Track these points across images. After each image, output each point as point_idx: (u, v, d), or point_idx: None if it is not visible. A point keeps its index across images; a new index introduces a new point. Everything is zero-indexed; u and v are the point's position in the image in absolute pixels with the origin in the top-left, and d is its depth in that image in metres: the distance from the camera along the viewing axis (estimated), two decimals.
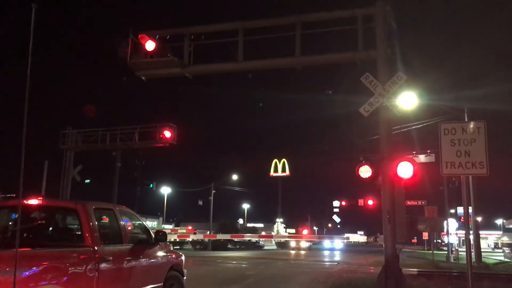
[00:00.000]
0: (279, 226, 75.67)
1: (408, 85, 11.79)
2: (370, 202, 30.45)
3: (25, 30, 4.12)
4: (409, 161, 11.01)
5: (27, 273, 4.81)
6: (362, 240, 72.11)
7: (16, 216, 6.57)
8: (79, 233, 6.29)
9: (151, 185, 42.82)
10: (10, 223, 6.69)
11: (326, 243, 64.98)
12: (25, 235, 6.37)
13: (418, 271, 18.49)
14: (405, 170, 10.79)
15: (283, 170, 43.24)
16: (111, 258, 6.24)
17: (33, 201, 6.55)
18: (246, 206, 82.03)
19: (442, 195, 35.34)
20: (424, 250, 58.11)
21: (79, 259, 5.74)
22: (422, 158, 22.74)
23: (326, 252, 51.52)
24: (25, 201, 6.43)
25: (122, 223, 7.01)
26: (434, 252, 34.50)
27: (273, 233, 67.55)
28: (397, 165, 10.84)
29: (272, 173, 43.86)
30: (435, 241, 47.13)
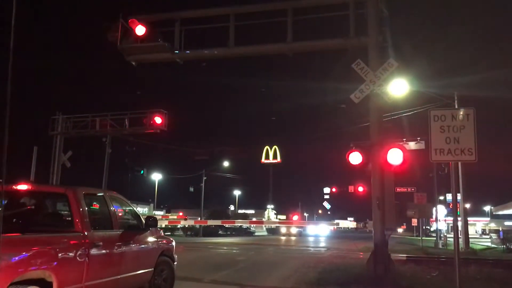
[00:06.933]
0: (270, 213, 76.03)
1: (399, 72, 11.81)
2: (360, 188, 30.71)
3: (9, 12, 4.04)
4: (399, 148, 11.08)
5: (16, 258, 4.79)
6: (352, 226, 72.58)
7: (5, 202, 6.53)
8: (69, 218, 6.27)
9: (141, 172, 42.68)
10: None
11: (311, 229, 63.14)
12: (14, 220, 6.35)
13: (406, 256, 18.71)
14: (395, 156, 10.86)
15: (274, 157, 43.32)
16: (101, 243, 6.24)
17: (23, 187, 6.51)
18: (237, 192, 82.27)
19: (432, 182, 35.63)
20: (413, 236, 58.80)
21: (69, 244, 5.73)
22: (412, 145, 22.87)
23: (315, 239, 51.90)
24: (14, 187, 6.39)
25: (112, 208, 7.00)
26: (423, 238, 34.90)
27: (263, 219, 67.83)
28: (387, 152, 10.91)
29: (263, 159, 43.91)
30: (424, 227, 47.65)
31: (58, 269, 5.34)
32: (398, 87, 11.86)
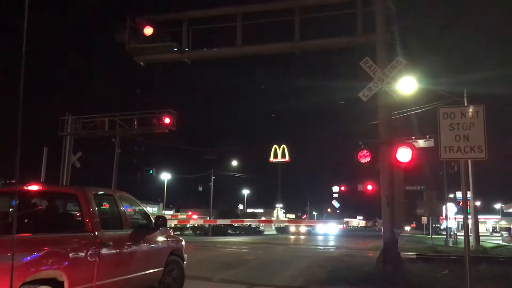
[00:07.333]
0: (279, 211, 76.04)
1: (408, 69, 11.76)
2: (369, 187, 30.59)
3: (20, 14, 4.08)
4: (408, 146, 11.04)
5: (28, 258, 4.84)
6: (361, 225, 72.36)
7: (14, 203, 6.61)
8: (80, 218, 6.32)
9: (151, 171, 42.80)
10: (10, 209, 6.72)
11: (320, 228, 62.87)
12: (25, 220, 6.41)
13: (416, 255, 18.61)
14: (404, 155, 10.83)
15: (283, 155, 43.24)
16: (111, 243, 6.28)
17: (33, 187, 6.57)
18: (246, 191, 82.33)
19: (441, 180, 35.42)
20: (423, 234, 58.48)
21: (79, 244, 5.78)
22: (421, 143, 22.78)
23: (324, 237, 51.80)
24: (25, 187, 6.45)
25: (122, 208, 7.04)
26: (433, 236, 34.71)
27: (272, 218, 67.82)
28: (396, 150, 10.88)
29: (271, 158, 43.87)
30: (433, 225, 47.32)
31: (69, 268, 5.38)
32: (407, 85, 11.82)
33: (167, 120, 25.56)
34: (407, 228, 64.63)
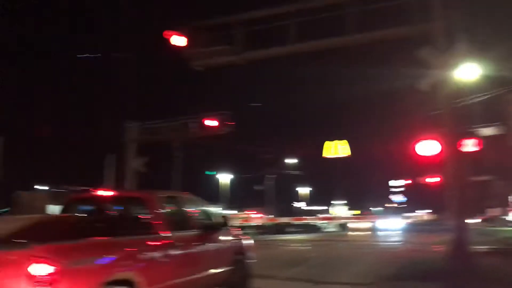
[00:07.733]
0: (340, 208, 75.04)
1: (470, 55, 11.31)
2: (434, 179, 29.64)
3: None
4: (472, 135, 10.65)
5: (103, 261, 5.11)
6: (427, 218, 69.97)
7: (90, 208, 7.02)
8: (150, 221, 6.57)
9: (213, 173, 43.78)
10: (85, 215, 7.11)
11: (383, 223, 61.07)
12: (100, 225, 6.77)
13: (486, 248, 17.78)
14: (468, 144, 10.46)
15: (344, 151, 42.71)
16: (180, 243, 6.51)
17: (106, 193, 6.94)
18: (306, 189, 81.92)
19: (511, 169, 33.58)
20: (493, 226, 55.68)
21: (151, 245, 6.03)
22: (487, 131, 21.75)
23: (388, 233, 50.58)
24: (98, 193, 6.83)
25: (188, 209, 7.29)
26: (504, 229, 33.02)
27: (333, 215, 67.06)
28: (460, 140, 10.52)
29: (330, 154, 43.44)
30: (503, 217, 44.94)
31: (142, 269, 5.61)
32: (469, 72, 11.38)
33: (224, 122, 25.96)
34: (476, 220, 61.74)
